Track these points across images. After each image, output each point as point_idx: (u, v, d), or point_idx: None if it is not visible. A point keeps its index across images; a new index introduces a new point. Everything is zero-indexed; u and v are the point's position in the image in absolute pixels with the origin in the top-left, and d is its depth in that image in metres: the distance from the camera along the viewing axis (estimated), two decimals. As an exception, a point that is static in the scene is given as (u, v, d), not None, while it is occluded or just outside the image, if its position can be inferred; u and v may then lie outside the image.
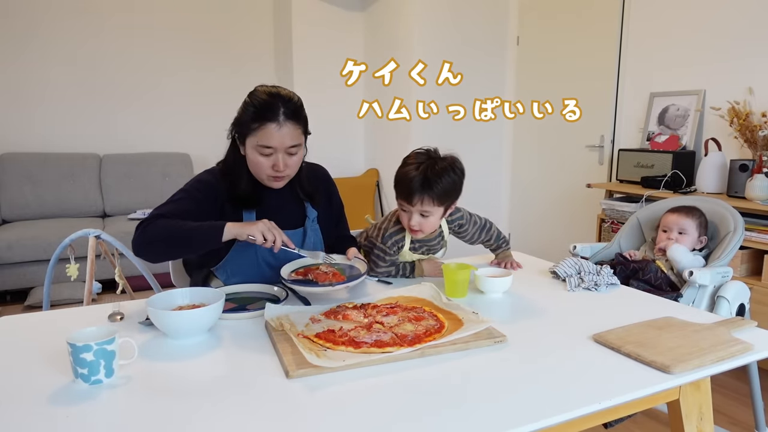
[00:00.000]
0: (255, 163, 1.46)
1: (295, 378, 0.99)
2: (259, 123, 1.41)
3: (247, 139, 1.45)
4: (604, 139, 3.58)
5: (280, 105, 1.42)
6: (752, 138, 2.66)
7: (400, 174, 1.53)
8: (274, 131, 1.41)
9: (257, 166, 1.47)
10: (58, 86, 4.19)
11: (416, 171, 1.49)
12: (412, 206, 1.51)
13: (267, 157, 1.44)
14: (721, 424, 2.12)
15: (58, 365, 1.04)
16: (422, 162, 1.51)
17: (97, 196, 4.17)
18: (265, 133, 1.41)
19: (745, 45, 2.80)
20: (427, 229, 1.58)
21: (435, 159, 1.52)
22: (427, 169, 1.49)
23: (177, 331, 1.17)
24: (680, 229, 1.93)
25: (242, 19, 4.69)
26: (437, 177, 1.48)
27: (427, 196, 1.49)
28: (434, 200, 1.50)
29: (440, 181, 1.49)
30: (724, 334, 1.16)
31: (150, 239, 1.36)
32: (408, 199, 1.51)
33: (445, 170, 1.50)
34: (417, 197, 1.49)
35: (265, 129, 1.41)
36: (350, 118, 4.81)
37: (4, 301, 3.57)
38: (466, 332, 1.14)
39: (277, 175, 1.47)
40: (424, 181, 1.48)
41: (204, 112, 4.65)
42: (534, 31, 4.09)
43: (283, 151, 1.44)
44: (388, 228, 1.63)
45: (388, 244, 1.61)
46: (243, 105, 1.46)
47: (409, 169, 1.51)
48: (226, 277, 1.56)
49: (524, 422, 0.85)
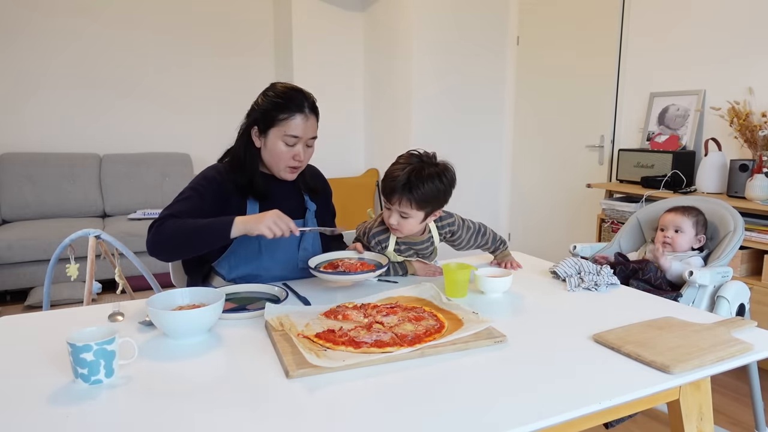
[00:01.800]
0: (277, 153, 1.52)
1: (295, 378, 0.99)
2: (288, 114, 1.49)
3: (272, 130, 1.51)
4: (604, 139, 3.58)
5: (304, 98, 1.52)
6: (752, 138, 2.66)
7: (387, 171, 1.55)
8: (301, 122, 1.50)
9: (278, 157, 1.53)
10: (58, 86, 4.19)
11: (401, 171, 1.50)
12: (391, 205, 1.53)
13: (290, 148, 1.52)
14: (721, 424, 2.12)
15: (58, 365, 1.04)
16: (411, 164, 1.51)
17: (97, 196, 4.17)
18: (293, 123, 1.50)
19: (745, 45, 2.80)
20: (406, 230, 1.58)
21: (425, 163, 1.52)
22: (412, 171, 1.49)
23: (177, 331, 1.17)
24: (676, 227, 1.93)
25: (242, 20, 4.69)
26: (420, 182, 1.48)
27: (405, 198, 1.49)
28: (412, 203, 1.50)
29: (422, 186, 1.48)
30: (724, 334, 1.17)
31: (162, 240, 1.40)
32: (388, 198, 1.54)
33: (431, 176, 1.49)
34: (396, 197, 1.51)
35: (293, 119, 1.50)
36: (350, 118, 4.81)
37: (4, 301, 3.57)
38: (466, 332, 1.14)
39: (296, 165, 1.55)
40: (407, 183, 1.48)
41: (204, 112, 4.65)
42: (534, 31, 4.09)
43: (305, 142, 1.53)
44: (373, 227, 1.66)
45: (372, 243, 1.65)
46: (265, 99, 1.53)
47: (397, 168, 1.52)
48: (228, 270, 1.57)
49: (524, 422, 0.85)
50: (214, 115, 4.64)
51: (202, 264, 1.63)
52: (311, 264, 1.53)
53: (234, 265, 1.57)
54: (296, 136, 1.50)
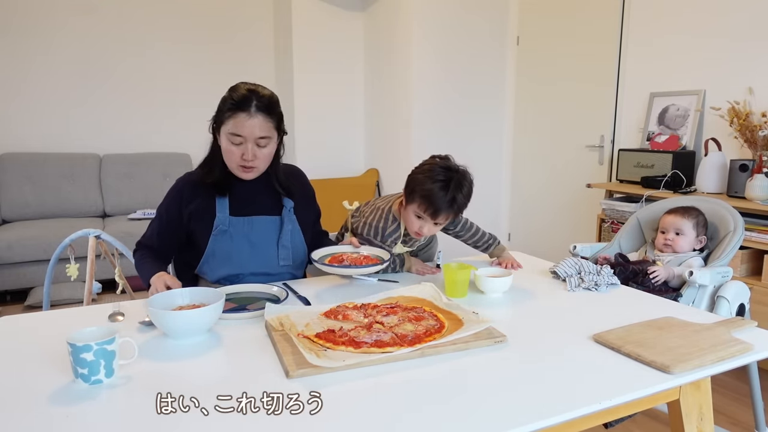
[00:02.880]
0: (226, 152, 1.55)
1: (295, 378, 0.99)
2: (231, 112, 1.50)
3: (222, 128, 1.54)
4: (604, 139, 3.58)
5: (253, 98, 1.51)
6: (752, 138, 2.66)
7: (428, 189, 1.55)
8: (244, 120, 1.49)
9: (228, 155, 1.55)
10: (58, 86, 4.19)
11: (445, 190, 1.55)
12: (435, 220, 1.59)
13: (237, 147, 1.52)
14: (721, 424, 2.12)
15: (58, 365, 1.04)
16: (450, 180, 1.56)
17: (97, 196, 4.17)
18: (236, 122, 1.49)
19: (745, 45, 2.80)
20: (429, 235, 1.68)
21: (460, 177, 1.58)
22: (455, 188, 1.56)
23: (177, 331, 1.17)
24: (677, 229, 1.93)
25: (242, 20, 4.68)
26: (465, 199, 1.59)
27: (452, 214, 1.61)
28: (454, 216, 1.63)
29: (466, 202, 1.60)
30: (724, 334, 1.16)
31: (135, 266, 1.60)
32: (434, 216, 1.58)
33: (470, 191, 1.60)
34: (443, 215, 1.58)
35: (236, 118, 1.49)
36: (350, 119, 4.81)
37: (4, 301, 3.57)
38: (466, 332, 1.14)
39: (245, 165, 1.54)
40: (453, 201, 1.56)
41: (204, 112, 4.58)
42: (534, 31, 4.09)
43: (253, 141, 1.51)
44: (386, 227, 1.69)
45: (388, 242, 1.70)
46: (222, 97, 1.56)
47: (438, 186, 1.55)
48: (210, 273, 1.60)
49: (524, 422, 0.85)
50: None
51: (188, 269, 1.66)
52: (315, 257, 1.57)
53: (214, 267, 1.59)
54: (239, 134, 1.50)
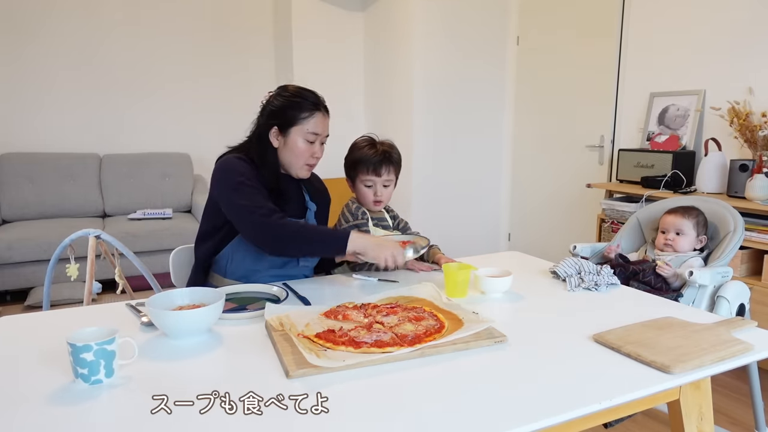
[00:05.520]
0: (298, 151, 1.59)
1: (295, 378, 0.99)
2: (310, 112, 1.57)
3: (293, 129, 1.57)
4: (604, 139, 3.58)
5: (318, 97, 1.61)
6: (752, 138, 2.66)
7: (359, 155, 1.79)
8: (322, 119, 1.60)
9: (299, 155, 1.59)
10: (58, 86, 4.19)
11: (374, 149, 1.77)
12: (379, 177, 1.77)
13: (310, 145, 1.60)
14: (721, 424, 2.12)
15: (58, 365, 1.04)
16: (372, 140, 1.82)
17: (97, 196, 4.17)
18: (316, 121, 1.58)
19: (745, 45, 2.80)
20: (386, 199, 1.85)
21: (381, 141, 1.82)
22: (380, 144, 1.80)
23: (177, 331, 1.17)
24: (677, 230, 1.93)
25: (243, 20, 4.68)
26: (392, 149, 1.82)
27: (392, 166, 1.79)
28: (393, 168, 1.80)
29: (398, 153, 1.83)
30: (724, 334, 1.16)
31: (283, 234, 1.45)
32: (376, 171, 1.76)
33: (392, 146, 1.83)
34: (384, 168, 1.76)
35: (316, 117, 1.58)
36: (351, 119, 4.81)
37: (4, 301, 3.57)
38: (466, 332, 1.14)
39: (313, 162, 1.63)
40: (384, 153, 1.77)
41: (204, 112, 4.64)
42: (534, 31, 4.09)
43: (321, 139, 1.62)
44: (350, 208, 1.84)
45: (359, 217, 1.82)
46: (282, 99, 1.58)
47: (366, 148, 1.79)
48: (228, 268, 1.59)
49: (524, 422, 0.85)
50: (215, 115, 4.63)
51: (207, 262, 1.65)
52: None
53: (238, 262, 1.59)
54: (317, 133, 1.58)
